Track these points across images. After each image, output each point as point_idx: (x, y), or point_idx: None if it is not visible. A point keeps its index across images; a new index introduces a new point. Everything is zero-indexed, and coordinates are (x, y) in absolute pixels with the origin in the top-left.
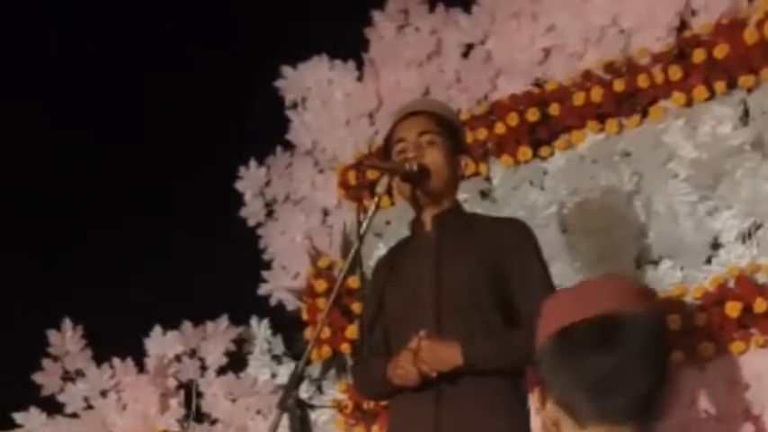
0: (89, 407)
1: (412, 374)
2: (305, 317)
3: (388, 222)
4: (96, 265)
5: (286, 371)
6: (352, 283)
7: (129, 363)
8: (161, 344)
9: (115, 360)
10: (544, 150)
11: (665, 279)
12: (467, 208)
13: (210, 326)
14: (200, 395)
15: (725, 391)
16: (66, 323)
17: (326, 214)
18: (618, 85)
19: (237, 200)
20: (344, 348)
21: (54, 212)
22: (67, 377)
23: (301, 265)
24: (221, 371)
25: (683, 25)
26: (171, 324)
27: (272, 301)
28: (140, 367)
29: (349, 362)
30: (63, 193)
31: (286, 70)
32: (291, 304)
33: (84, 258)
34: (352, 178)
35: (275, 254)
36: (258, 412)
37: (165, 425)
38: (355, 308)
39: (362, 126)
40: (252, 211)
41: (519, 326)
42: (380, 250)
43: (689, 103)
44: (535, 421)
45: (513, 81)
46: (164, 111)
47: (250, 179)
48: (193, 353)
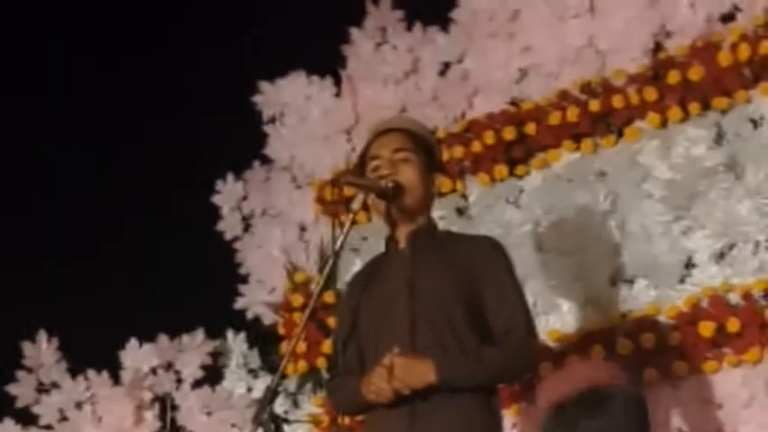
0: (64, 419)
1: (385, 391)
2: (281, 331)
3: (364, 238)
4: (72, 277)
5: (262, 385)
6: (328, 297)
7: (105, 375)
8: (137, 356)
9: (90, 372)
10: (520, 169)
11: (639, 298)
12: (443, 225)
13: (186, 339)
14: (175, 408)
15: (698, 410)
16: (42, 335)
17: (303, 229)
18: (594, 105)
19: (215, 214)
20: (320, 363)
21: (31, 223)
22: (42, 389)
23: (278, 280)
24: (197, 384)
25: (658, 47)
26: (147, 337)
27: (249, 315)
28: (116, 379)
29: (325, 376)
30: (40, 204)
31: (264, 85)
32: (268, 318)
33: (60, 270)
34: (328, 194)
35: (252, 268)
36: (233, 426)
37: None
38: (331, 322)
39: (340, 142)
40: (229, 225)
41: (492, 343)
42: (357, 266)
43: (664, 123)
44: None
45: (489, 100)
46: (142, 123)
47: (227, 193)
48: (169, 366)
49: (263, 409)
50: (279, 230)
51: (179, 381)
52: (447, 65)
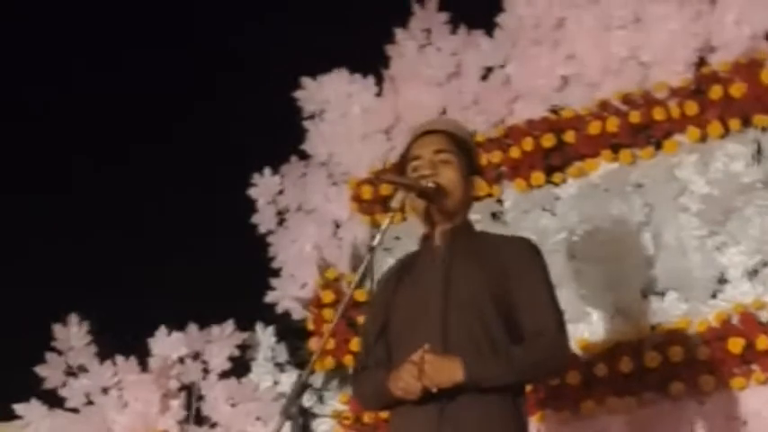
0: (90, 403)
1: (413, 387)
2: (310, 327)
3: (397, 238)
4: (106, 263)
5: (288, 379)
6: (359, 295)
7: (133, 361)
8: (165, 345)
9: (119, 358)
10: (557, 177)
11: (669, 311)
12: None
13: (216, 330)
14: (201, 398)
15: (723, 426)
16: (73, 318)
17: (337, 226)
18: (634, 117)
19: (250, 206)
20: (348, 360)
21: (69, 208)
22: (70, 372)
23: (309, 276)
24: (224, 375)
25: (701, 62)
26: (176, 325)
27: (279, 309)
28: (143, 366)
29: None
30: (79, 190)
31: (306, 81)
32: (297, 313)
33: (95, 255)
34: (365, 192)
35: (284, 262)
36: (258, 419)
37: (165, 425)
38: (361, 320)
39: (378, 141)
40: (263, 219)
41: (522, 343)
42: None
43: (703, 138)
44: None
45: (530, 106)
46: (182, 115)
47: (263, 187)
48: (197, 355)
49: (292, 403)
50: (313, 226)
51: (206, 371)
52: (489, 69)
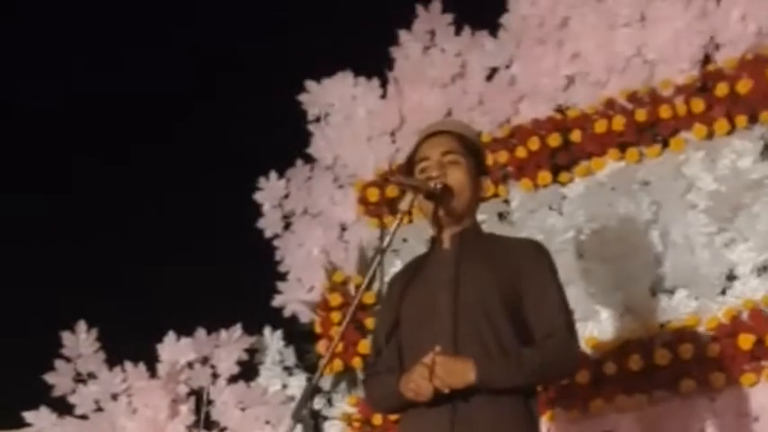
0: (99, 409)
1: (425, 389)
2: (318, 330)
3: (405, 240)
4: (113, 269)
5: (297, 382)
6: (367, 298)
7: (142, 367)
8: (174, 350)
9: (127, 364)
10: (564, 176)
11: (679, 308)
12: (484, 229)
13: (224, 334)
14: (210, 402)
15: (734, 422)
16: (81, 325)
17: (344, 229)
18: (640, 115)
19: (256, 210)
20: (356, 363)
21: (75, 215)
22: (79, 379)
23: (316, 279)
24: (232, 379)
25: (707, 59)
26: (184, 331)
27: (286, 313)
28: (152, 372)
29: (360, 376)
30: (85, 196)
31: (310, 84)
32: (305, 317)
33: (102, 262)
34: (371, 195)
35: (291, 266)
36: (267, 422)
37: (175, 431)
38: (369, 323)
39: (384, 143)
40: (269, 223)
41: (532, 345)
42: (397, 267)
43: (710, 135)
44: None
45: (535, 106)
46: (187, 118)
47: (269, 191)
48: (205, 360)
49: (302, 406)
50: (319, 229)
51: (215, 375)
52: (494, 70)
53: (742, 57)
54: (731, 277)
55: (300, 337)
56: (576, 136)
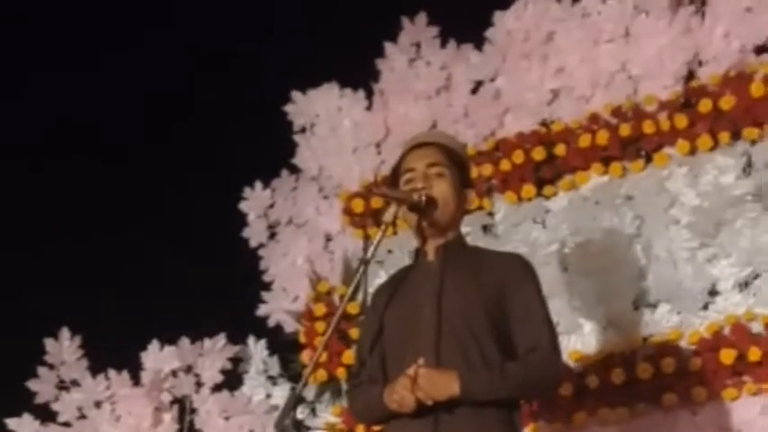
0: (82, 417)
1: (408, 401)
2: (302, 340)
3: (389, 251)
4: (97, 277)
5: (281, 392)
6: (351, 308)
7: (125, 375)
8: (157, 358)
9: (111, 372)
10: (548, 189)
11: (661, 322)
12: (468, 241)
13: (208, 343)
14: (193, 411)
15: None
16: (64, 332)
17: (329, 240)
18: (624, 130)
19: (241, 220)
20: (340, 373)
21: (57, 220)
22: (62, 386)
23: (301, 289)
24: (216, 388)
25: (690, 75)
26: (168, 339)
27: (271, 322)
28: (136, 380)
29: (344, 386)
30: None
31: (296, 95)
32: (289, 326)
33: (85, 269)
34: (356, 205)
35: (276, 276)
36: (251, 431)
37: None
38: (353, 333)
39: (369, 155)
40: (254, 232)
41: (515, 359)
42: (381, 278)
43: (693, 151)
44: None
45: (520, 119)
46: (173, 127)
47: (254, 200)
48: (189, 369)
49: (285, 416)
50: (304, 240)
51: (198, 384)
52: (479, 83)
53: (725, 73)
54: (713, 292)
55: (285, 347)
56: (561, 150)
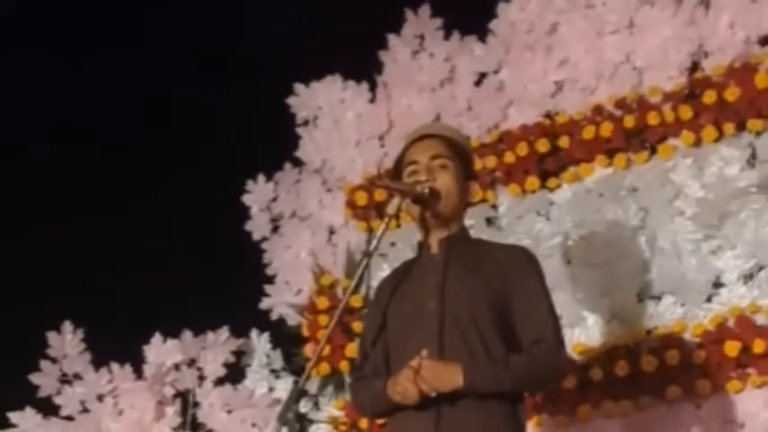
0: (85, 410)
1: (411, 392)
2: (305, 333)
3: (393, 244)
4: (100, 270)
5: (284, 385)
6: (354, 301)
7: (128, 369)
8: (160, 352)
9: (114, 365)
10: (552, 181)
11: (665, 315)
12: (471, 234)
13: (211, 336)
14: (196, 405)
15: (719, 429)
16: (67, 326)
17: (332, 233)
18: (628, 122)
19: (244, 213)
20: (343, 366)
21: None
22: (65, 380)
23: (304, 282)
24: (219, 382)
25: (695, 66)
26: (171, 332)
27: (274, 316)
28: (138, 374)
29: (347, 379)
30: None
31: (299, 87)
32: (292, 319)
33: (88, 262)
34: (359, 198)
35: (279, 269)
36: (254, 425)
37: None
38: (356, 326)
39: (372, 147)
40: (257, 226)
41: (519, 351)
42: (384, 271)
43: (697, 142)
44: None
45: (524, 111)
46: (175, 119)
47: (257, 193)
48: (192, 362)
49: (288, 409)
50: (308, 233)
51: (201, 378)
52: (483, 75)
53: (730, 64)
54: (718, 284)
55: (288, 340)
56: (565, 142)
